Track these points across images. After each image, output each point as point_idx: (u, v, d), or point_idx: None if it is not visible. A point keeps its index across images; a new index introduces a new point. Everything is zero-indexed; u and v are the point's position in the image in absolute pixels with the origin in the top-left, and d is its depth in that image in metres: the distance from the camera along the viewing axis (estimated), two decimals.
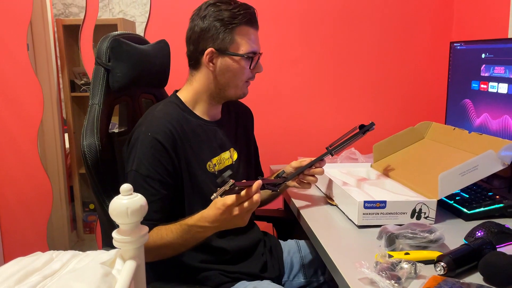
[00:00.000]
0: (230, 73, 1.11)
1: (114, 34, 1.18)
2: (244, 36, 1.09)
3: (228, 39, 1.08)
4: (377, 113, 1.96)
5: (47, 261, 0.68)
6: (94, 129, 1.10)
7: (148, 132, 1.04)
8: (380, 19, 1.89)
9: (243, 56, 1.10)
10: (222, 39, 1.08)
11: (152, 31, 1.80)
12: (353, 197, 1.10)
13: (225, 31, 1.07)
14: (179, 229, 1.00)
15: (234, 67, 1.10)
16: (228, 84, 1.13)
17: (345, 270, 0.88)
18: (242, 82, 1.14)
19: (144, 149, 1.03)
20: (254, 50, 1.11)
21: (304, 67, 1.90)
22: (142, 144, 1.04)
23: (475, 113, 1.47)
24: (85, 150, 1.07)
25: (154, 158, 1.03)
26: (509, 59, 1.31)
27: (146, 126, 1.06)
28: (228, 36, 1.08)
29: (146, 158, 1.03)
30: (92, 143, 1.08)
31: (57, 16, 2.99)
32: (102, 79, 1.15)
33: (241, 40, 1.09)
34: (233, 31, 1.08)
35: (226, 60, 1.10)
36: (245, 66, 1.11)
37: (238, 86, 1.14)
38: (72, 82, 2.56)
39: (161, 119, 1.07)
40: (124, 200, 0.66)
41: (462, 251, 0.87)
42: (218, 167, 1.15)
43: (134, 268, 0.65)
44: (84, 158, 1.08)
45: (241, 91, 1.16)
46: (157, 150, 1.03)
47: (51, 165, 2.38)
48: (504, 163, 1.14)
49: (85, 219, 2.69)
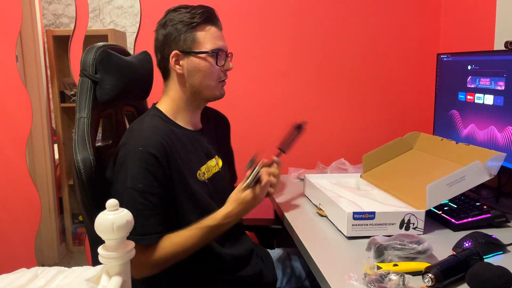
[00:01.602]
0: (200, 73, 1.11)
1: (99, 45, 1.15)
2: (206, 34, 1.10)
3: (190, 39, 1.09)
4: (366, 123, 1.98)
5: (31, 278, 0.67)
6: (86, 142, 1.06)
7: (139, 146, 1.02)
8: (368, 31, 1.91)
9: (208, 52, 1.10)
10: (184, 40, 1.09)
11: (143, 41, 1.81)
12: (342, 208, 1.10)
13: (186, 32, 1.09)
14: (199, 233, 1.04)
15: (202, 66, 1.10)
16: (200, 84, 1.12)
17: (334, 282, 0.88)
18: (214, 82, 1.13)
19: (136, 165, 1.01)
20: (218, 47, 1.11)
21: (294, 79, 1.91)
22: (133, 159, 1.01)
23: (462, 124, 1.49)
24: (79, 165, 1.03)
25: (148, 172, 1.01)
26: (494, 71, 1.33)
27: (136, 141, 1.04)
28: (190, 36, 1.09)
29: (139, 173, 1.01)
30: (86, 157, 1.04)
31: (47, 26, 2.99)
32: (89, 91, 1.12)
33: (203, 38, 1.10)
34: (194, 30, 1.09)
35: (192, 60, 1.10)
36: (212, 63, 1.11)
37: (211, 86, 1.13)
38: (62, 92, 2.55)
39: (150, 132, 1.06)
40: (110, 215, 0.65)
41: (450, 262, 0.87)
42: (207, 175, 1.16)
43: (120, 284, 0.65)
44: (78, 173, 1.03)
45: (217, 91, 1.15)
46: (149, 164, 1.01)
47: (40, 176, 2.36)
48: (490, 174, 1.15)
49: (74, 231, 2.66)
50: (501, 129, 1.30)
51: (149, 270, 1.02)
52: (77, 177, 1.04)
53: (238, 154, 1.48)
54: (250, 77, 1.89)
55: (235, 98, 1.86)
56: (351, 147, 1.93)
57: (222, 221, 1.06)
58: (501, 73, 1.30)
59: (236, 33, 1.84)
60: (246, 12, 1.86)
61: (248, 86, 1.89)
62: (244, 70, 1.86)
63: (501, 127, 1.31)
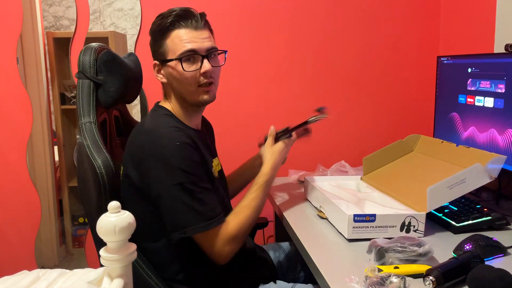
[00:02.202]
0: (175, 81, 1.09)
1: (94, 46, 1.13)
2: (175, 39, 1.06)
3: (162, 49, 1.08)
4: (366, 126, 1.98)
5: (33, 280, 0.67)
6: (101, 146, 1.03)
7: (176, 142, 1.00)
8: (368, 34, 1.92)
9: (176, 59, 1.06)
10: (158, 50, 1.09)
11: (143, 44, 1.81)
12: (343, 210, 1.10)
13: (159, 41, 1.08)
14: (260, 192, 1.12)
15: (175, 74, 1.07)
16: (181, 92, 1.10)
17: (335, 285, 0.87)
18: (192, 87, 1.08)
19: (179, 158, 0.99)
20: (188, 49, 1.05)
21: (294, 80, 1.92)
22: (175, 155, 0.99)
23: (462, 126, 1.49)
24: (101, 170, 0.99)
25: (193, 162, 1.02)
26: (494, 74, 1.34)
27: (167, 139, 1.01)
28: (161, 45, 1.08)
29: (187, 165, 1.00)
30: (105, 160, 1.01)
31: (47, 28, 2.99)
32: (92, 94, 1.09)
33: (172, 45, 1.06)
34: (165, 38, 1.07)
35: (167, 69, 1.09)
36: (181, 70, 1.06)
37: (190, 91, 1.09)
38: (62, 94, 2.55)
39: (176, 127, 1.05)
40: (111, 217, 0.65)
41: (451, 264, 0.87)
42: (216, 173, 1.17)
43: (121, 286, 0.65)
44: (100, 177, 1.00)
45: (197, 96, 1.10)
46: (189, 152, 1.01)
47: (40, 178, 2.36)
48: (491, 176, 1.15)
49: (74, 233, 2.65)
50: (501, 132, 1.31)
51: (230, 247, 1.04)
52: (96, 182, 1.00)
53: (235, 155, 1.49)
54: (250, 78, 1.89)
55: (233, 100, 1.87)
56: (352, 149, 1.93)
57: (272, 172, 1.17)
58: (501, 76, 1.30)
59: (233, 35, 1.85)
60: (244, 13, 1.86)
61: (247, 87, 1.89)
62: (243, 71, 1.87)
63: (501, 129, 1.31)
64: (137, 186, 1.04)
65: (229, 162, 1.40)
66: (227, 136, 1.81)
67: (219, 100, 1.20)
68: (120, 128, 1.32)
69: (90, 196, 1.04)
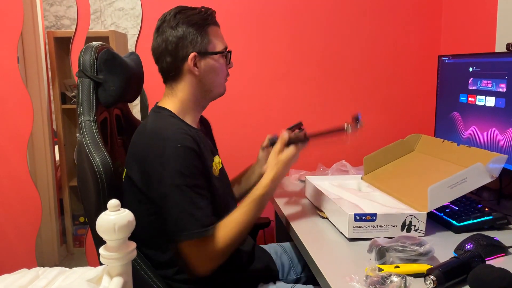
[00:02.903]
0: (213, 73, 1.14)
1: (95, 45, 1.13)
2: (216, 35, 1.14)
3: (206, 41, 1.12)
4: (367, 125, 1.96)
5: (33, 279, 0.67)
6: (100, 145, 1.04)
7: (178, 144, 1.01)
8: (369, 33, 1.91)
9: (222, 53, 1.14)
10: (201, 42, 1.11)
11: (144, 43, 1.81)
12: (344, 210, 1.10)
13: (201, 34, 1.11)
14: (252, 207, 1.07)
15: (216, 66, 1.14)
16: (213, 84, 1.15)
17: (335, 284, 0.87)
18: (223, 79, 1.18)
19: (180, 161, 1.00)
20: (226, 46, 1.16)
21: (295, 80, 1.91)
22: (176, 157, 1.00)
23: (463, 126, 1.49)
24: (100, 169, 1.00)
25: (193, 166, 1.02)
26: (495, 73, 1.33)
27: (170, 141, 1.02)
28: (205, 38, 1.11)
29: (186, 169, 1.00)
30: (103, 159, 1.01)
31: (48, 28, 2.99)
32: (92, 93, 1.09)
33: (215, 39, 1.13)
34: (207, 32, 1.12)
35: (208, 61, 1.12)
36: (223, 63, 1.16)
37: (221, 84, 1.18)
38: (63, 94, 2.55)
39: (177, 129, 1.06)
40: (111, 216, 0.65)
41: (452, 264, 0.87)
42: (217, 172, 1.16)
43: (121, 285, 0.65)
44: (98, 176, 1.00)
45: (223, 88, 1.19)
46: (191, 157, 1.02)
47: (40, 178, 2.36)
48: (492, 176, 1.15)
49: (74, 232, 2.66)
50: (502, 131, 1.30)
51: (213, 262, 1.03)
52: (95, 180, 1.00)
53: (237, 154, 1.48)
54: (250, 78, 1.89)
55: (234, 99, 1.87)
56: (352, 149, 1.92)
57: (271, 185, 1.11)
58: (503, 75, 1.30)
59: (236, 34, 1.84)
60: (246, 12, 1.86)
61: (247, 87, 1.89)
62: (244, 71, 1.86)
63: (502, 129, 1.30)
64: (139, 187, 1.04)
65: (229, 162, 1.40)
66: (227, 135, 1.81)
67: (220, 100, 1.21)
68: (121, 127, 1.32)
69: (90, 195, 1.04)
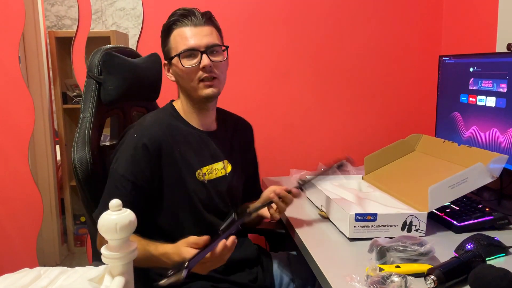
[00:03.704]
0: (180, 77, 1.13)
1: (106, 48, 1.19)
2: (177, 37, 1.11)
3: (167, 48, 1.13)
4: (367, 125, 1.97)
5: (34, 278, 0.67)
6: (85, 142, 1.10)
7: (135, 134, 1.07)
8: (370, 33, 1.91)
9: (176, 56, 1.10)
10: (164, 49, 1.14)
11: (145, 43, 1.81)
12: (344, 210, 1.10)
13: (165, 41, 1.13)
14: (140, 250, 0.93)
15: (178, 70, 1.12)
16: (186, 88, 1.13)
17: (336, 284, 0.87)
18: (194, 83, 1.10)
19: (127, 150, 1.06)
20: (188, 47, 1.08)
21: (295, 80, 1.91)
22: (127, 145, 1.07)
23: (464, 126, 1.49)
24: (76, 163, 1.07)
25: (133, 160, 1.05)
26: (496, 73, 1.33)
27: (135, 129, 1.09)
28: (167, 44, 1.13)
29: (125, 158, 1.05)
30: (83, 156, 1.08)
31: (49, 28, 2.99)
32: (94, 92, 1.16)
33: (175, 43, 1.11)
34: (168, 38, 1.12)
35: (173, 67, 1.13)
36: (186, 65, 1.09)
37: (193, 87, 1.11)
38: (64, 94, 2.55)
39: (151, 123, 1.10)
40: (113, 215, 0.65)
41: (452, 264, 0.87)
42: (208, 177, 1.15)
43: (123, 284, 0.65)
44: (75, 172, 1.08)
45: (200, 91, 1.10)
46: (138, 152, 1.05)
47: (42, 178, 2.36)
48: (493, 176, 1.15)
49: (76, 232, 2.66)
50: (503, 131, 1.30)
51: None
52: (75, 176, 1.08)
53: None
54: (250, 78, 1.89)
55: (234, 99, 1.87)
56: (353, 148, 1.93)
57: (161, 256, 0.98)
58: (503, 75, 1.30)
59: (235, 34, 1.84)
60: (245, 13, 1.86)
61: (247, 87, 1.89)
62: (244, 70, 1.87)
63: (503, 129, 1.30)
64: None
65: None
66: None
67: (220, 100, 1.21)
68: None
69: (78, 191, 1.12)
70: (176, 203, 1.10)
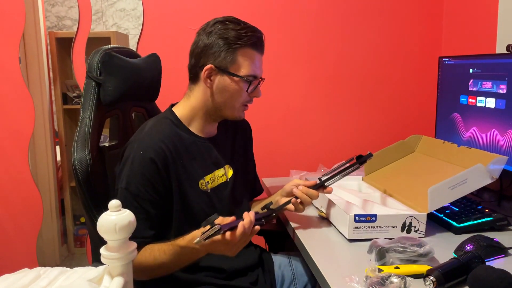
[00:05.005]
0: (227, 93, 1.10)
1: (105, 48, 1.18)
2: (246, 58, 1.08)
3: (230, 59, 1.07)
4: (367, 126, 1.98)
5: (34, 278, 0.67)
6: (85, 143, 1.10)
7: (140, 150, 1.03)
8: (370, 34, 1.91)
9: (242, 78, 1.08)
10: (224, 58, 1.07)
11: (145, 44, 1.81)
12: (344, 211, 1.10)
13: (228, 50, 1.06)
14: (171, 250, 0.99)
15: (232, 88, 1.09)
16: (224, 103, 1.11)
17: (335, 285, 0.87)
18: (238, 104, 1.13)
19: (135, 168, 1.02)
20: (254, 74, 1.10)
21: (296, 81, 1.92)
22: (133, 162, 1.03)
23: (464, 127, 1.49)
24: (75, 164, 1.07)
25: (144, 177, 1.02)
26: (496, 74, 1.33)
27: (138, 143, 1.05)
28: (230, 55, 1.07)
29: (136, 176, 1.02)
30: (82, 157, 1.07)
31: (50, 28, 2.99)
32: (93, 92, 1.15)
33: (243, 62, 1.08)
34: (236, 51, 1.07)
35: (225, 79, 1.09)
36: (243, 89, 1.10)
37: (235, 107, 1.13)
38: (64, 94, 2.55)
39: (153, 136, 1.06)
40: (112, 216, 0.66)
41: (451, 265, 0.87)
42: (211, 185, 1.15)
43: (122, 284, 0.65)
44: (74, 172, 1.07)
45: (237, 113, 1.14)
46: (147, 169, 1.02)
47: (42, 178, 2.36)
48: (492, 177, 1.15)
49: (75, 232, 2.66)
50: (503, 132, 1.30)
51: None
52: (74, 177, 1.07)
53: None
54: None
55: None
56: (353, 149, 1.92)
57: (188, 243, 0.97)
58: (503, 77, 1.30)
59: None
60: (245, 13, 1.86)
61: None
62: None
63: (503, 130, 1.30)
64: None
65: None
66: None
67: None
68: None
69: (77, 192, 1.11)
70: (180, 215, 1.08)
